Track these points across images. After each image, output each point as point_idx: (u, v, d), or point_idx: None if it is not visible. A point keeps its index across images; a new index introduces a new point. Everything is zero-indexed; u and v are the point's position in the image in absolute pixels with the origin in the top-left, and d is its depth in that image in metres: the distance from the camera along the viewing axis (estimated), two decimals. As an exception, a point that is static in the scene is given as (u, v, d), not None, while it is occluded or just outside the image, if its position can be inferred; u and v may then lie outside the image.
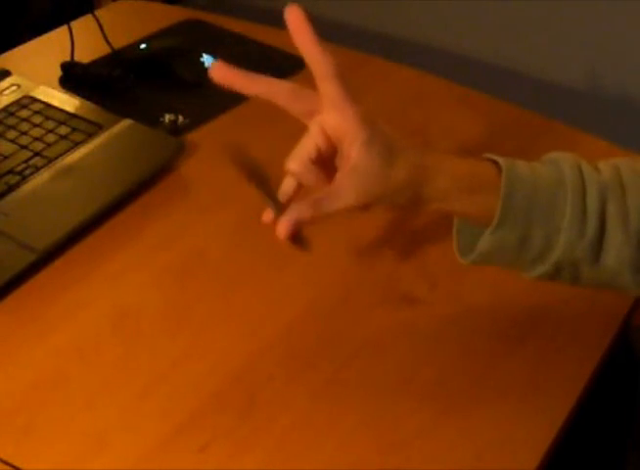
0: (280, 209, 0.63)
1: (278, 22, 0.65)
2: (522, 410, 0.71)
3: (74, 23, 1.14)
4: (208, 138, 1.00)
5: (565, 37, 1.88)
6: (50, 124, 0.97)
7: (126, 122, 0.99)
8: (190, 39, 1.19)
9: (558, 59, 1.91)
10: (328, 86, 0.61)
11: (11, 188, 0.89)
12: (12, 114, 0.99)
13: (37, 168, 0.91)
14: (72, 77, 1.09)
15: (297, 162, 0.63)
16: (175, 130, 1.01)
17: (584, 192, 0.63)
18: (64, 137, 0.96)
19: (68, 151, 0.94)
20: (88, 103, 1.02)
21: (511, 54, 1.95)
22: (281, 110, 0.64)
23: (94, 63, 1.12)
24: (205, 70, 1.13)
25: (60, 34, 1.14)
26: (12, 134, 0.96)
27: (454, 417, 0.70)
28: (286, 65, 1.15)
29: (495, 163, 0.64)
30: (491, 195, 0.62)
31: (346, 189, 0.61)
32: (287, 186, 0.65)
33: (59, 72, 1.10)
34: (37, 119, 0.98)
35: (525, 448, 0.68)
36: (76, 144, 0.95)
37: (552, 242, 0.63)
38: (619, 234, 0.62)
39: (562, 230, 0.62)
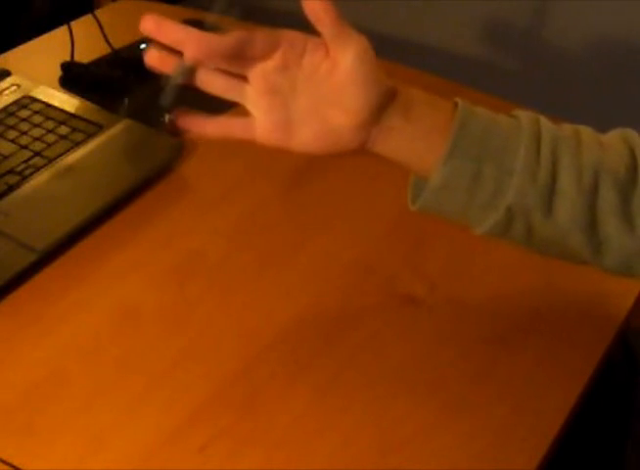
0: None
1: (278, 21, 0.65)
2: (521, 411, 0.71)
3: (74, 23, 1.14)
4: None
5: (564, 37, 1.88)
6: (50, 124, 0.97)
7: (126, 122, 0.99)
8: (190, 39, 1.19)
9: (558, 59, 1.91)
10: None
11: (11, 188, 0.89)
12: (12, 114, 0.99)
13: (37, 168, 0.91)
14: (72, 77, 1.09)
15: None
16: (175, 130, 1.01)
17: (539, 138, 0.62)
18: (64, 137, 0.96)
19: (68, 151, 0.94)
20: (88, 103, 1.02)
21: (510, 54, 1.95)
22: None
23: (94, 63, 1.12)
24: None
25: (60, 34, 1.14)
26: (12, 134, 0.96)
27: (454, 417, 0.71)
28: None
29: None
30: (446, 122, 0.62)
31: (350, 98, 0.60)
32: None
33: (59, 72, 1.10)
34: (37, 119, 0.98)
35: (524, 449, 0.68)
36: (76, 144, 0.95)
37: (504, 184, 0.62)
38: (571, 187, 0.61)
39: (514, 173, 0.61)
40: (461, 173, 0.62)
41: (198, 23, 1.34)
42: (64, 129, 0.97)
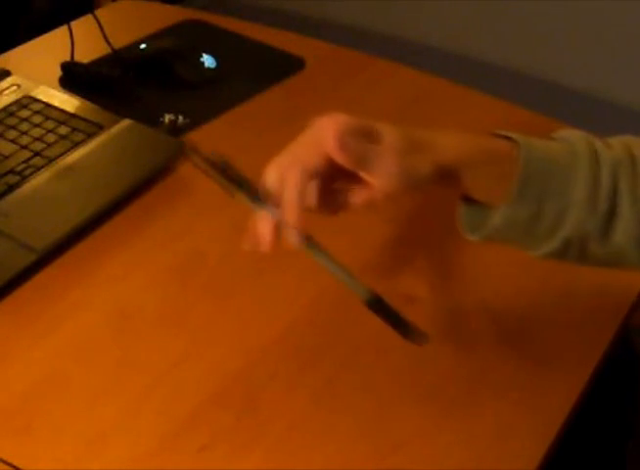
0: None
1: (278, 22, 0.65)
2: (522, 411, 0.71)
3: (74, 23, 1.14)
4: (208, 138, 1.00)
5: (564, 37, 1.88)
6: (50, 124, 0.97)
7: (126, 122, 0.99)
8: (190, 39, 1.19)
9: (558, 59, 1.91)
10: None
11: (11, 188, 0.89)
12: (12, 114, 0.99)
13: (37, 168, 0.91)
14: (72, 77, 1.09)
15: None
16: (175, 130, 1.01)
17: (598, 168, 0.62)
18: (64, 137, 0.96)
19: (68, 151, 0.94)
20: (88, 103, 1.02)
21: (511, 54, 1.96)
22: (281, 111, 0.64)
23: (94, 63, 1.12)
24: (206, 69, 1.13)
25: (60, 34, 1.14)
26: (12, 134, 0.96)
27: (454, 417, 0.70)
28: (286, 65, 1.15)
29: (508, 138, 0.64)
30: (507, 167, 0.62)
31: None
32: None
33: (59, 72, 1.10)
34: (37, 119, 0.98)
35: (525, 449, 0.68)
36: (76, 144, 0.95)
37: (563, 217, 0.62)
38: (629, 209, 0.62)
39: (574, 205, 0.62)
40: (523, 213, 0.62)
41: (197, 23, 1.35)
42: (64, 129, 0.97)
